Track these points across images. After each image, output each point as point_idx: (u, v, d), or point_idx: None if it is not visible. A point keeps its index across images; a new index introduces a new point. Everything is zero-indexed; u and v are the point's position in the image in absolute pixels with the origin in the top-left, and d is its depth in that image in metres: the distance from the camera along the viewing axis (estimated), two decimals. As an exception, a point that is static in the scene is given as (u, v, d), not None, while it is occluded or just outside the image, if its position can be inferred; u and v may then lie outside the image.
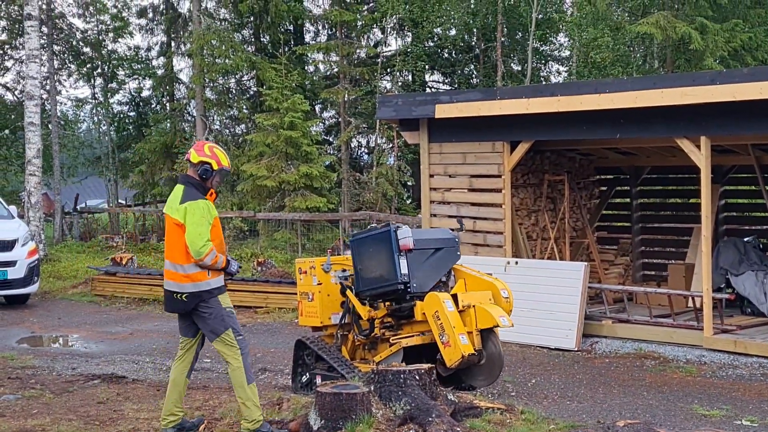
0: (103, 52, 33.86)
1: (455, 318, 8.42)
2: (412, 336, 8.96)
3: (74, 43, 33.52)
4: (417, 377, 6.95)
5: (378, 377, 6.94)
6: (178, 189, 7.18)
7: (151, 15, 34.09)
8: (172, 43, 33.56)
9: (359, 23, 29.37)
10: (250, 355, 7.27)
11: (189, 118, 31.76)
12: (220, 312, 7.08)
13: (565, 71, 32.32)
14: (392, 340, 9.02)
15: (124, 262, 19.40)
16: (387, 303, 9.05)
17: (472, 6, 28.80)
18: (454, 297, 8.66)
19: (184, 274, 7.03)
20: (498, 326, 8.53)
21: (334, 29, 30.49)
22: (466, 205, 13.95)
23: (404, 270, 8.68)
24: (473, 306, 8.55)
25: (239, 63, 26.85)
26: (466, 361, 8.34)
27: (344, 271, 9.28)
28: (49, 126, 30.29)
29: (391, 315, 9.08)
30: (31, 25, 21.50)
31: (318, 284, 9.43)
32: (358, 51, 29.06)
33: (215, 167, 7.22)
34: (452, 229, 9.46)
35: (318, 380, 8.76)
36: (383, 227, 9.01)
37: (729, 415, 8.64)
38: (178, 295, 7.09)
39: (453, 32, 31.43)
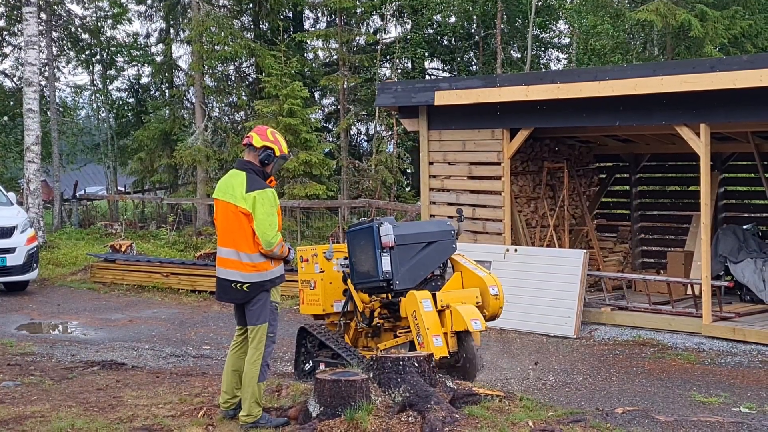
0: (101, 38, 33.75)
1: (431, 319, 8.25)
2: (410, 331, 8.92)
3: (73, 29, 33.39)
4: (416, 364, 6.95)
5: (377, 364, 6.94)
6: (239, 175, 7.02)
7: (149, 1, 33.95)
8: (171, 30, 33.46)
9: (359, 10, 29.29)
10: (271, 355, 7.22)
11: (188, 105, 31.68)
12: (266, 303, 7.03)
13: (565, 58, 32.28)
14: (399, 333, 9.00)
15: (123, 249, 19.40)
16: (380, 296, 9.02)
17: (472, -7, 28.74)
18: (435, 296, 8.51)
19: (251, 263, 6.93)
20: (470, 330, 8.23)
21: (333, 16, 30.42)
22: (465, 192, 13.96)
23: (386, 267, 8.55)
24: (449, 307, 8.39)
25: (238, 50, 26.76)
26: (438, 363, 8.25)
27: (346, 258, 9.24)
28: (48, 113, 30.24)
29: (385, 308, 9.06)
30: (29, 11, 21.44)
31: (320, 272, 9.39)
32: (357, 38, 29.00)
33: (277, 153, 7.12)
34: (454, 216, 9.37)
35: (322, 368, 8.73)
36: (368, 222, 8.93)
37: (727, 402, 8.66)
38: (239, 285, 6.97)
39: (453, 19, 31.36)
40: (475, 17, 30.87)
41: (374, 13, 30.61)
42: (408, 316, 8.45)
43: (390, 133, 27.07)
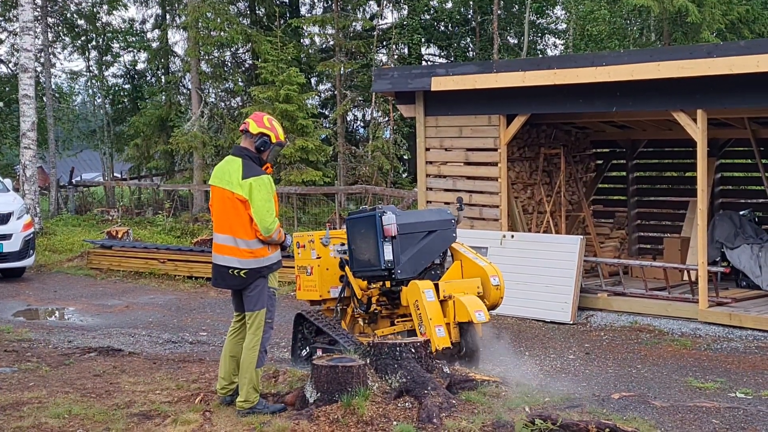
0: (97, 24, 33.65)
1: (433, 309, 8.26)
2: (409, 320, 8.92)
3: (68, 15, 33.30)
4: (413, 350, 6.95)
5: (374, 350, 6.95)
6: (235, 162, 7.00)
7: (145, -13, 33.91)
8: (167, 16, 33.38)
9: (355, -5, 29.24)
10: (269, 341, 7.22)
11: (184, 91, 31.61)
12: (264, 289, 7.02)
13: (562, 44, 32.23)
14: (397, 321, 9.01)
15: (119, 236, 19.40)
16: (379, 284, 9.01)
17: (469, -22, 28.68)
18: (437, 286, 8.48)
19: (249, 249, 6.91)
20: (474, 321, 8.25)
21: (329, 1, 30.32)
22: (462, 178, 13.95)
23: (388, 256, 8.55)
24: (453, 297, 8.39)
25: (234, 36, 26.69)
26: (441, 354, 8.24)
27: (343, 245, 9.22)
28: (44, 99, 30.17)
29: (384, 295, 9.06)
30: (24, -3, 21.34)
31: (317, 258, 9.39)
32: (354, 24, 28.92)
33: (273, 140, 7.10)
34: (452, 203, 9.36)
35: (319, 354, 8.73)
36: (370, 210, 8.92)
37: (723, 388, 8.68)
38: (236, 271, 6.95)
39: (449, 5, 31.30)
40: (471, 3, 30.81)
41: (371, -2, 30.56)
42: (410, 306, 8.45)
43: (386, 119, 27.03)
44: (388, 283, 8.89)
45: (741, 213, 14.08)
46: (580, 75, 12.10)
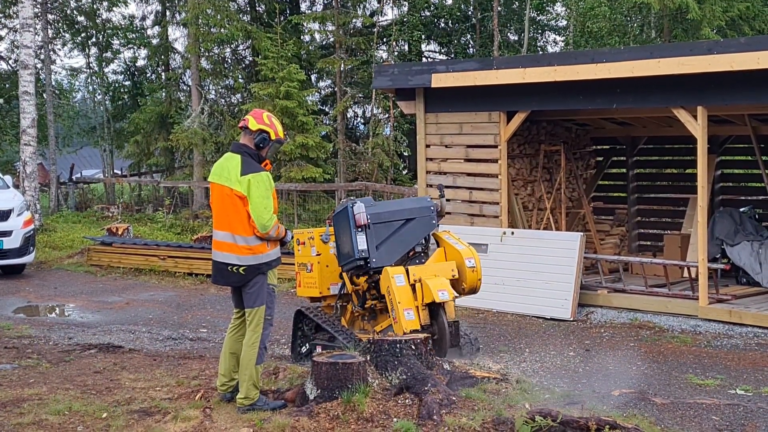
0: (97, 21, 33.62)
1: (402, 293, 8.27)
2: None
3: (69, 11, 33.26)
4: (413, 347, 6.96)
5: (374, 347, 6.95)
6: (234, 159, 7.03)
7: (145, -17, 33.83)
8: (167, 12, 33.34)
9: (355, -8, 29.20)
10: (269, 338, 7.23)
11: (184, 88, 31.57)
12: (263, 286, 7.04)
13: (562, 41, 32.21)
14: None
15: (119, 233, 19.39)
16: (372, 277, 9.01)
17: (469, -25, 28.65)
18: (408, 271, 8.47)
19: (247, 246, 6.93)
20: (436, 301, 8.25)
21: (330, -2, 30.30)
22: (462, 175, 13.95)
23: (362, 245, 8.56)
24: (421, 280, 8.36)
25: (234, 32, 26.66)
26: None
27: None
28: (44, 96, 30.14)
29: (375, 288, 9.06)
30: (24, -7, 21.32)
31: (317, 255, 9.40)
32: (354, 20, 28.88)
33: (273, 137, 7.12)
34: (440, 193, 9.34)
35: (319, 351, 8.73)
36: (344, 203, 8.94)
37: (723, 384, 8.68)
38: (235, 268, 6.98)
39: (449, 1, 31.24)
40: (472, -1, 30.78)
41: (371, -5, 30.51)
42: (385, 293, 8.48)
43: (387, 115, 27.02)
44: (372, 275, 8.89)
45: (741, 210, 14.08)
46: (580, 72, 12.10)
